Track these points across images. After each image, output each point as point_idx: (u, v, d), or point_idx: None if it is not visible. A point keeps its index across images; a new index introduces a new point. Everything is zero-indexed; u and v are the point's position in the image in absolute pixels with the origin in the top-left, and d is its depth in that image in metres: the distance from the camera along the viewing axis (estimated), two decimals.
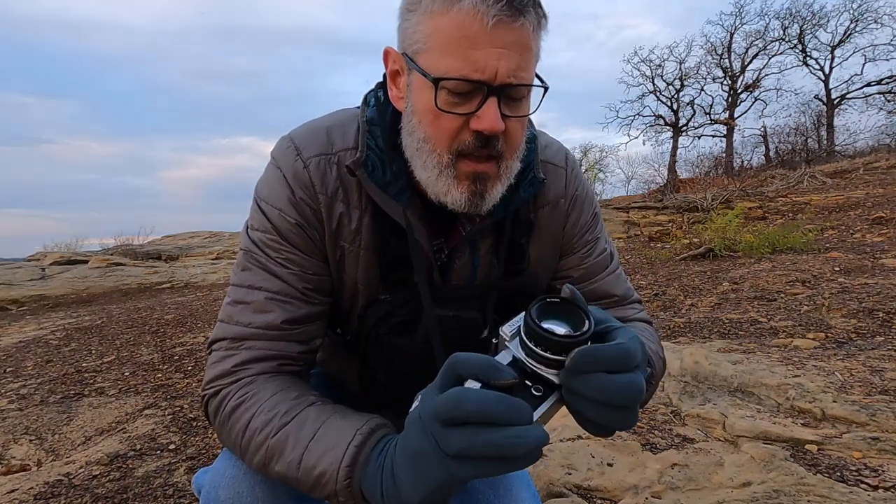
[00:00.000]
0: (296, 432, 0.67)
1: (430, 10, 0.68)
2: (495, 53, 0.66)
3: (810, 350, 2.69)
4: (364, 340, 0.87)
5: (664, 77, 23.01)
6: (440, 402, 0.50)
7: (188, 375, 3.24)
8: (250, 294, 0.77)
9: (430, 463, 0.51)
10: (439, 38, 0.67)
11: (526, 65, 0.69)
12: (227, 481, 0.75)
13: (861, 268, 4.71)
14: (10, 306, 7.36)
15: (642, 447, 1.84)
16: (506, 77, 0.67)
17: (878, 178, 11.28)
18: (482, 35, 0.65)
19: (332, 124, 0.82)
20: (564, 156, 0.92)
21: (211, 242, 13.65)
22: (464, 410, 0.48)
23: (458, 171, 0.72)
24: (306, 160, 0.78)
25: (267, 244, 0.78)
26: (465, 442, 0.48)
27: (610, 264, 0.95)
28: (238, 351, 0.76)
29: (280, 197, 0.78)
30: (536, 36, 0.70)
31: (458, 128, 0.70)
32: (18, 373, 3.50)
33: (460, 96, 0.68)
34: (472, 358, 0.52)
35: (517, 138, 0.74)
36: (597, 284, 0.93)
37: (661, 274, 5.99)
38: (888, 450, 1.64)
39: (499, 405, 0.48)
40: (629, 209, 11.82)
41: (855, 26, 20.05)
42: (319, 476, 0.64)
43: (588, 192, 0.94)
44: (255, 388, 0.73)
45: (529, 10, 0.67)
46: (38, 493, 1.77)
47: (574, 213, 0.91)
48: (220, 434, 0.75)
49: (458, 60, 0.66)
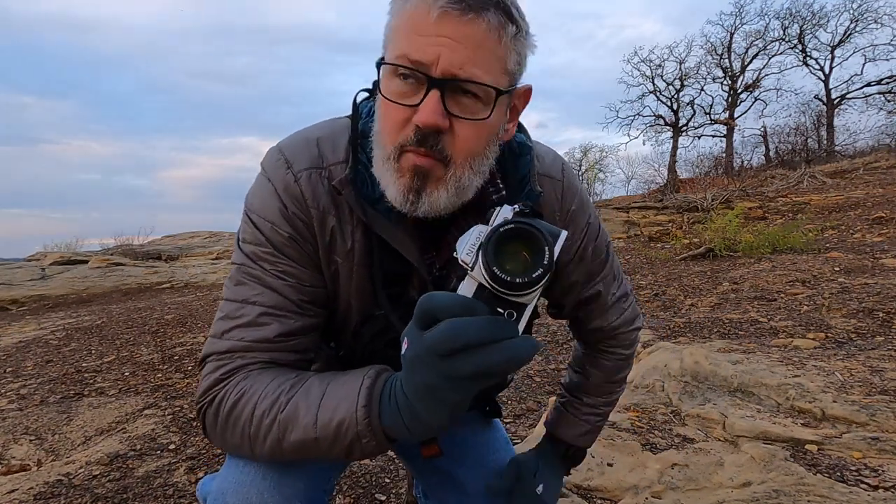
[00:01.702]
0: (305, 399, 0.69)
1: (394, 9, 0.70)
2: (438, 41, 0.65)
3: (810, 350, 2.69)
4: (360, 355, 0.87)
5: (664, 77, 23.04)
6: (436, 338, 0.53)
7: (188, 375, 3.24)
8: (244, 308, 0.76)
9: (442, 390, 0.55)
10: (393, 33, 0.69)
11: (479, 62, 0.66)
12: (236, 487, 0.75)
13: (861, 268, 4.71)
14: (10, 306, 7.35)
15: (642, 447, 1.84)
16: (449, 68, 0.65)
17: (878, 178, 11.28)
18: (426, 25, 0.65)
19: (323, 136, 0.81)
20: (561, 167, 0.90)
21: (211, 242, 13.65)
22: (462, 340, 0.52)
23: (400, 163, 0.70)
24: (297, 173, 0.77)
25: (261, 257, 0.77)
26: (474, 365, 0.53)
27: (605, 272, 0.97)
28: (232, 360, 0.75)
29: (272, 210, 0.77)
30: (498, 39, 0.67)
31: (403, 122, 0.69)
32: (18, 373, 3.50)
33: (404, 85, 0.68)
34: (446, 298, 0.54)
35: (469, 145, 0.70)
36: (593, 290, 0.96)
37: (660, 274, 5.99)
38: (888, 450, 1.64)
39: (486, 329, 0.52)
40: (629, 209, 11.82)
41: (855, 26, 20.07)
42: (339, 425, 0.66)
43: (586, 204, 0.93)
44: (252, 381, 0.73)
45: (487, 10, 0.65)
46: (38, 493, 1.77)
47: (570, 228, 0.90)
48: (224, 436, 0.74)
49: (401, 44, 0.67)
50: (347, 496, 1.73)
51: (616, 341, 1.04)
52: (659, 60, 23.47)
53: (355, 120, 0.79)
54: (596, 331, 1.02)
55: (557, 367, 2.96)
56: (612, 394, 1.09)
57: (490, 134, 0.73)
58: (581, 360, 1.09)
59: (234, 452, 0.76)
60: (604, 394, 1.07)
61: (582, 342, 1.09)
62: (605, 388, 1.07)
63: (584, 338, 1.07)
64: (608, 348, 1.04)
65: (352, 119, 0.80)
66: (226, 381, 0.74)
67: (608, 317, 1.00)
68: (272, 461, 0.74)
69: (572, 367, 1.12)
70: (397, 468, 1.88)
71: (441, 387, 0.55)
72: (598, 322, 1.01)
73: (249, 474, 0.75)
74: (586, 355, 1.08)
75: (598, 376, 1.06)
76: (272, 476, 0.76)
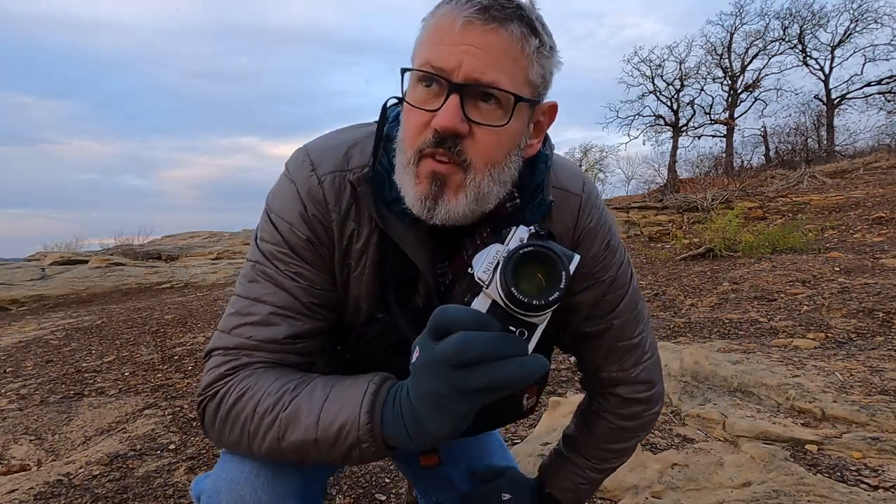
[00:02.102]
0: (307, 400, 0.69)
1: (423, 25, 0.72)
2: (460, 48, 0.67)
3: (810, 350, 2.69)
4: (360, 358, 0.87)
5: (664, 77, 23.02)
6: (448, 349, 0.55)
7: (188, 375, 3.24)
8: (254, 306, 0.77)
9: (450, 400, 0.57)
10: (420, 44, 0.71)
11: (501, 69, 0.67)
12: (230, 485, 0.75)
13: (861, 268, 4.71)
14: (10, 306, 7.35)
15: (642, 447, 1.84)
16: (471, 73, 0.67)
17: (878, 178, 11.27)
18: (451, 34, 0.67)
19: (353, 140, 0.81)
20: (581, 183, 0.86)
21: (211, 242, 13.65)
22: (473, 354, 0.54)
23: (419, 168, 0.71)
24: (321, 177, 0.78)
25: (276, 256, 0.78)
26: (483, 378, 0.55)
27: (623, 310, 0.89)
28: (238, 357, 0.75)
29: (292, 211, 0.78)
30: (520, 49, 0.68)
31: (423, 125, 0.70)
32: (18, 373, 3.50)
33: (427, 92, 0.70)
34: (460, 312, 0.57)
35: (489, 151, 0.70)
36: (602, 325, 0.89)
37: (661, 274, 5.99)
38: (888, 450, 1.64)
39: (498, 345, 0.55)
40: (629, 209, 11.81)
41: (855, 26, 20.05)
42: (340, 429, 0.66)
43: (605, 226, 0.87)
44: (256, 378, 0.73)
45: (510, 21, 0.67)
46: (38, 493, 1.77)
47: (582, 248, 0.85)
48: (223, 431, 0.74)
49: (425, 53, 0.69)
50: (347, 496, 1.73)
51: (618, 399, 0.94)
52: (659, 60, 23.43)
53: (382, 123, 0.80)
54: (597, 377, 0.94)
55: (557, 367, 2.96)
56: (603, 461, 0.99)
57: (511, 143, 0.73)
58: (581, 413, 1.03)
59: (232, 449, 0.76)
60: (593, 458, 0.99)
61: (585, 392, 1.02)
62: (595, 452, 0.98)
63: (586, 385, 1.00)
64: (605, 411, 0.96)
65: (378, 123, 0.81)
66: (230, 376, 0.74)
67: (614, 362, 0.91)
68: (269, 460, 0.74)
69: (574, 416, 1.06)
70: (397, 469, 1.88)
71: (449, 397, 0.57)
72: (603, 366, 0.92)
73: (244, 472, 0.75)
74: (585, 411, 1.01)
75: (589, 438, 0.99)
76: (266, 474, 0.76)
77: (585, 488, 1.01)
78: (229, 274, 9.48)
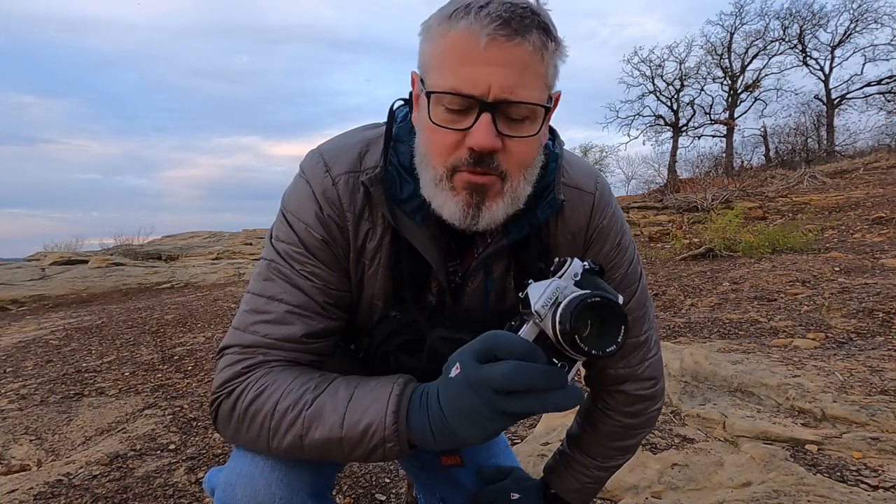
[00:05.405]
0: (332, 399, 0.71)
1: (436, 34, 0.71)
2: (488, 70, 0.67)
3: (810, 350, 2.69)
4: (372, 356, 0.88)
5: (664, 77, 23.02)
6: (497, 375, 0.59)
7: (188, 375, 3.24)
8: (270, 305, 0.78)
9: (486, 419, 0.61)
10: (440, 58, 0.70)
11: (526, 84, 0.68)
12: (244, 480, 0.75)
13: (861, 268, 4.71)
14: (10, 306, 7.35)
15: (642, 447, 1.84)
16: (501, 93, 0.67)
17: (878, 178, 11.27)
18: (476, 53, 0.67)
19: (365, 142, 0.83)
20: (595, 180, 0.87)
21: (211, 242, 13.65)
22: (519, 383, 0.58)
23: (454, 182, 0.72)
24: (335, 177, 0.79)
25: (292, 256, 0.79)
26: (524, 407, 0.60)
27: (631, 308, 0.90)
28: (254, 356, 0.76)
29: (307, 212, 0.79)
30: (541, 58, 0.69)
31: (454, 144, 0.70)
32: (18, 373, 3.50)
33: (456, 113, 0.69)
34: (511, 340, 0.61)
35: (523, 158, 0.73)
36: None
37: (661, 274, 5.99)
38: (888, 450, 1.64)
39: (545, 378, 0.59)
40: (629, 209, 11.81)
41: (855, 26, 20.04)
42: (366, 429, 0.68)
43: (617, 224, 0.88)
44: (275, 376, 0.74)
45: (531, 31, 0.67)
46: (38, 493, 1.77)
47: (595, 246, 0.86)
48: (239, 428, 0.75)
49: (452, 76, 0.68)
50: (347, 496, 1.73)
51: (624, 396, 0.95)
52: (659, 60, 23.37)
53: (390, 124, 0.82)
54: (604, 374, 0.95)
55: None
56: (609, 459, 1.00)
57: (539, 145, 0.77)
58: (585, 412, 1.03)
59: (248, 446, 0.77)
60: (598, 457, 1.00)
61: (589, 389, 1.02)
62: (600, 451, 1.00)
63: (591, 383, 1.00)
64: (610, 409, 0.97)
65: (387, 124, 0.82)
66: (247, 374, 0.75)
67: (621, 359, 0.92)
68: (287, 457, 0.75)
69: (577, 416, 1.06)
70: (397, 468, 1.88)
71: (486, 416, 0.61)
72: (610, 363, 0.93)
73: (258, 466, 0.76)
74: (589, 410, 1.02)
75: (594, 437, 1.00)
76: (280, 468, 0.77)
77: (591, 487, 1.02)
78: (229, 274, 9.48)
